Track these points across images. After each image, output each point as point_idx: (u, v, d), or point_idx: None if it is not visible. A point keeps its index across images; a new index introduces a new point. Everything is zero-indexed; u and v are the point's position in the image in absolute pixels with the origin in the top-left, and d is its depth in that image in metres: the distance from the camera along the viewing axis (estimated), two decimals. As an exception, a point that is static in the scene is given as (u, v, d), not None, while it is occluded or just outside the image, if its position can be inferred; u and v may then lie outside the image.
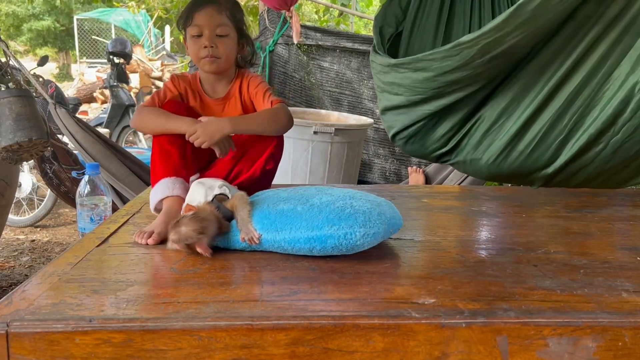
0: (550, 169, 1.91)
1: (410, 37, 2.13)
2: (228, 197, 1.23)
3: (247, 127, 1.49)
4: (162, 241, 1.22)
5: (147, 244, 1.20)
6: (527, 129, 1.86)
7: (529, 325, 0.85)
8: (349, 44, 4.38)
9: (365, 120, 3.74)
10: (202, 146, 1.40)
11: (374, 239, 1.11)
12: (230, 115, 1.57)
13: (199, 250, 1.12)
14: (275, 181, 1.67)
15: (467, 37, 1.69)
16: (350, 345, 0.83)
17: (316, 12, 8.21)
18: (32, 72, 2.50)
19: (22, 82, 2.37)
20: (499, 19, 1.64)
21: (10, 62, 2.33)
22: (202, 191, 1.23)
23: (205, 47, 1.49)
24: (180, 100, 1.57)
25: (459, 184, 2.93)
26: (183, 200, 1.34)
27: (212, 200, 1.20)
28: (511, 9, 1.61)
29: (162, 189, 1.37)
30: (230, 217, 1.20)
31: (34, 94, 2.37)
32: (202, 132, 1.39)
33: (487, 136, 1.92)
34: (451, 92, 1.86)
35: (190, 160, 1.47)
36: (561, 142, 1.84)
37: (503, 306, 0.89)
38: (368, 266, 1.09)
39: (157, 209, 1.39)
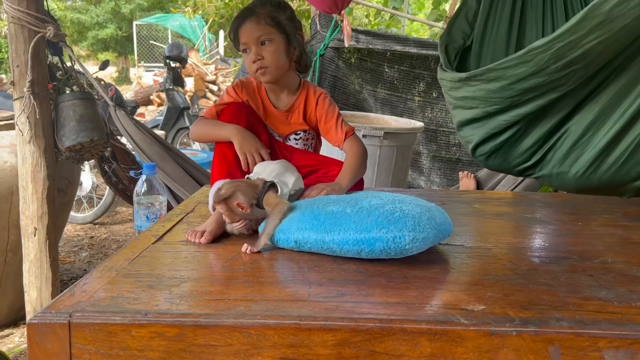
0: None
1: (481, 49, 2.06)
2: (277, 191, 1.27)
3: (350, 182, 1.52)
4: (214, 240, 1.25)
5: (200, 243, 1.24)
6: (617, 143, 1.77)
7: (583, 337, 0.82)
8: (400, 48, 4.36)
9: (415, 124, 3.70)
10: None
11: (423, 243, 1.10)
12: (292, 129, 1.64)
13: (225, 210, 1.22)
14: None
15: (540, 42, 1.64)
16: (397, 349, 0.83)
17: (367, 16, 8.20)
18: (94, 76, 2.61)
19: (85, 86, 2.48)
20: (572, 21, 1.58)
21: (75, 67, 2.44)
22: (269, 171, 1.30)
23: (253, 61, 1.53)
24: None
25: (511, 190, 2.85)
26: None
27: (265, 183, 1.25)
28: (584, 10, 1.55)
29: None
30: (261, 213, 1.25)
31: (96, 96, 2.48)
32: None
33: (574, 150, 1.84)
34: (528, 101, 1.79)
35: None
36: None
37: (556, 315, 0.87)
38: (416, 271, 1.08)
39: (214, 209, 1.42)
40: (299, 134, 1.66)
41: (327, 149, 1.98)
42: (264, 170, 1.35)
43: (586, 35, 1.58)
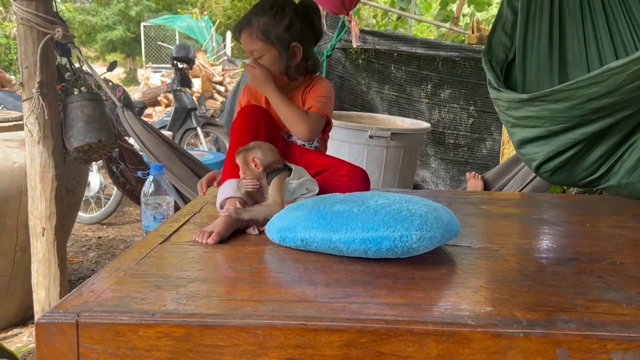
0: None
1: (524, 61, 2.02)
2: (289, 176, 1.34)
3: (277, 100, 1.56)
4: (221, 241, 1.26)
5: (207, 244, 1.24)
6: None
7: (592, 339, 0.82)
8: (407, 48, 4.35)
9: (422, 124, 3.70)
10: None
11: (430, 243, 1.09)
12: None
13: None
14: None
15: (616, 63, 1.59)
16: (404, 350, 0.82)
17: (374, 17, 8.19)
18: (102, 77, 2.62)
19: (93, 87, 2.50)
20: None
21: (83, 68, 2.46)
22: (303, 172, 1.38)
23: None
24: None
25: (519, 191, 2.84)
26: (245, 202, 1.38)
27: (285, 166, 1.33)
28: None
29: (227, 190, 1.41)
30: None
31: (104, 97, 2.49)
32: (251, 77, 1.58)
33: None
34: (598, 119, 1.75)
35: None
36: None
37: (563, 317, 0.86)
38: (423, 272, 1.08)
39: (222, 207, 1.43)
40: None
41: (334, 151, 1.99)
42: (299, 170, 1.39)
43: None
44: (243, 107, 1.61)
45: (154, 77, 11.32)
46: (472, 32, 4.52)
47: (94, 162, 3.37)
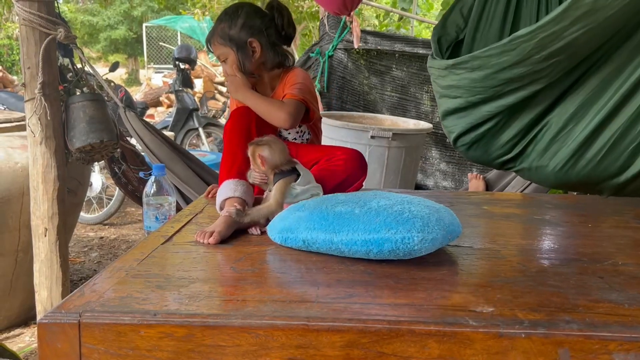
0: (622, 178, 1.81)
1: (473, 42, 2.07)
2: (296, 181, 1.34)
3: (252, 101, 1.62)
4: (223, 241, 1.26)
5: (208, 244, 1.24)
6: (597, 136, 1.78)
7: (593, 339, 0.82)
8: (409, 49, 4.34)
9: (424, 125, 3.69)
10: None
11: (431, 244, 1.09)
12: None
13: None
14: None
15: (523, 31, 1.65)
16: (405, 351, 0.82)
17: (376, 17, 8.19)
18: (104, 78, 2.63)
19: (95, 87, 2.50)
20: (557, 10, 1.58)
21: (85, 68, 2.46)
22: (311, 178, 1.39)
23: (223, 74, 1.70)
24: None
25: (521, 192, 2.84)
26: (244, 202, 1.38)
27: (295, 169, 1.34)
28: (569, 0, 1.56)
29: (225, 190, 1.42)
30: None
31: (106, 98, 2.49)
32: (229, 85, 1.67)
33: (554, 142, 1.85)
34: (511, 92, 1.80)
35: None
36: (634, 149, 1.75)
37: (565, 318, 0.86)
38: (424, 272, 1.08)
39: (222, 209, 1.43)
40: None
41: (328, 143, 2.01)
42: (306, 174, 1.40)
43: (570, 25, 1.58)
44: (234, 109, 1.66)
45: (155, 78, 11.34)
46: (474, 33, 4.52)
47: (95, 163, 3.38)
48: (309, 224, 1.16)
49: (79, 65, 2.47)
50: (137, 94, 9.70)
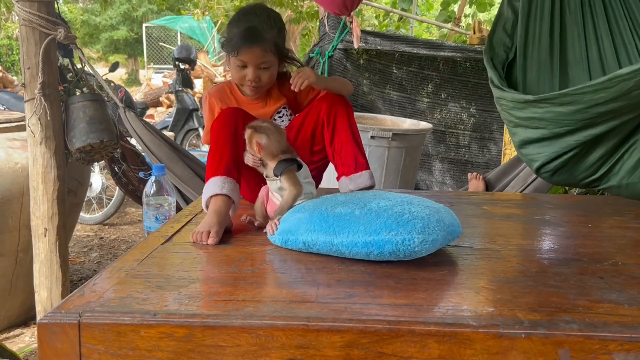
0: None
1: (525, 61, 2.01)
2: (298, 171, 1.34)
3: (326, 81, 1.68)
4: (222, 241, 1.26)
5: (207, 244, 1.24)
6: None
7: (593, 339, 0.82)
8: (408, 49, 4.34)
9: (424, 125, 3.69)
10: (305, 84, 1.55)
11: (432, 245, 1.09)
12: (272, 110, 1.69)
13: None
14: (332, 184, 1.68)
15: (624, 70, 1.58)
16: (405, 351, 0.82)
17: (376, 17, 8.19)
18: (104, 78, 2.63)
19: (95, 87, 2.50)
20: None
21: (85, 69, 2.46)
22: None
23: (250, 80, 1.59)
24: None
25: (521, 192, 2.84)
26: (231, 199, 1.37)
27: (295, 160, 1.34)
28: None
29: (212, 187, 1.39)
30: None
31: (106, 98, 2.49)
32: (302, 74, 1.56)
33: None
34: (603, 122, 1.73)
35: (243, 163, 1.51)
36: None
37: (565, 318, 0.86)
38: (424, 272, 1.08)
39: (207, 206, 1.42)
40: (281, 112, 1.70)
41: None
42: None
43: None
44: (222, 110, 1.60)
45: (155, 78, 11.33)
46: (474, 33, 4.52)
47: (95, 163, 3.37)
48: (309, 225, 1.16)
49: (78, 66, 2.47)
50: (137, 94, 9.69)
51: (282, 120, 1.70)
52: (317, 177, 1.70)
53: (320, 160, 1.67)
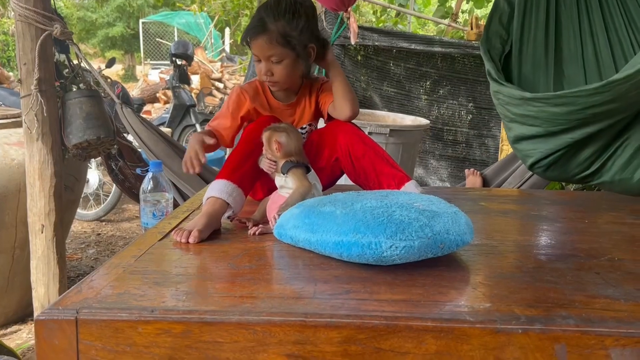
0: None
1: (520, 54, 2.01)
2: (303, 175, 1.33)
3: (342, 78, 1.57)
4: (219, 239, 1.26)
5: (188, 243, 1.21)
6: None
7: (590, 335, 0.82)
8: (406, 45, 4.34)
9: (421, 121, 3.69)
10: None
11: (405, 252, 1.00)
12: (299, 118, 1.63)
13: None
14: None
15: (619, 75, 1.58)
16: (403, 347, 0.83)
17: (374, 13, 8.17)
18: (101, 74, 2.62)
19: (91, 83, 2.49)
20: None
21: (82, 64, 2.45)
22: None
23: (264, 74, 1.51)
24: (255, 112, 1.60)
25: (518, 188, 2.85)
26: (227, 205, 1.35)
27: (302, 164, 1.33)
28: None
29: (218, 189, 1.37)
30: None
31: (102, 94, 2.49)
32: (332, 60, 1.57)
33: (636, 156, 1.80)
34: (598, 121, 1.74)
35: (258, 177, 1.48)
36: None
37: (562, 313, 0.86)
38: (421, 268, 1.08)
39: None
40: (305, 127, 1.65)
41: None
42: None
43: None
44: (260, 117, 1.55)
45: (152, 74, 11.31)
46: (471, 29, 4.52)
47: (92, 159, 3.37)
48: (296, 222, 1.16)
49: (75, 62, 2.46)
50: (134, 90, 9.67)
51: (304, 136, 1.64)
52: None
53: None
